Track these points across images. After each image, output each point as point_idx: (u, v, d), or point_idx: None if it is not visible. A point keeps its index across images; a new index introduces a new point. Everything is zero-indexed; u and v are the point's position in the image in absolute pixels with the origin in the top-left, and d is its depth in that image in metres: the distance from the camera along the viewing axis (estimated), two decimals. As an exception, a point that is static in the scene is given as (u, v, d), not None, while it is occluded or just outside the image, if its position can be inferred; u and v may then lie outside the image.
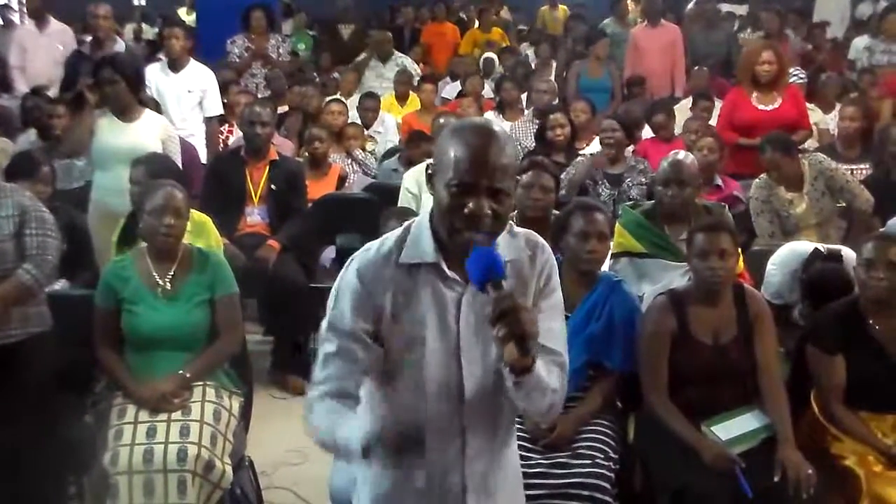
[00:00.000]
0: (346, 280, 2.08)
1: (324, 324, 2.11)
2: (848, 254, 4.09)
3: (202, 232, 4.37)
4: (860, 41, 9.60)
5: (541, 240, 2.17)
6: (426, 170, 2.09)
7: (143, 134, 5.08)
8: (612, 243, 3.78)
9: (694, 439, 3.35)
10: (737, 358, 3.47)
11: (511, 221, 2.13)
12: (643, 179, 5.57)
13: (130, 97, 5.13)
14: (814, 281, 4.07)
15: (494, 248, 1.98)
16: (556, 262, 2.19)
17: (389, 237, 2.10)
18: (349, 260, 2.12)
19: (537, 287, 2.12)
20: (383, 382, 2.10)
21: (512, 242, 2.11)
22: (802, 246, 4.34)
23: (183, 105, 6.57)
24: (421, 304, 2.06)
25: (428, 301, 2.06)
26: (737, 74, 6.67)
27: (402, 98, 8.61)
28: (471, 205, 1.95)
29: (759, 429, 3.39)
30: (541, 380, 1.99)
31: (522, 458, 3.25)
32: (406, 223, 2.13)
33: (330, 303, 2.10)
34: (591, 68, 8.60)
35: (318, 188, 6.00)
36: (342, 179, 6.53)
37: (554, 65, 9.86)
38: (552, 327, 2.11)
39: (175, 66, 6.72)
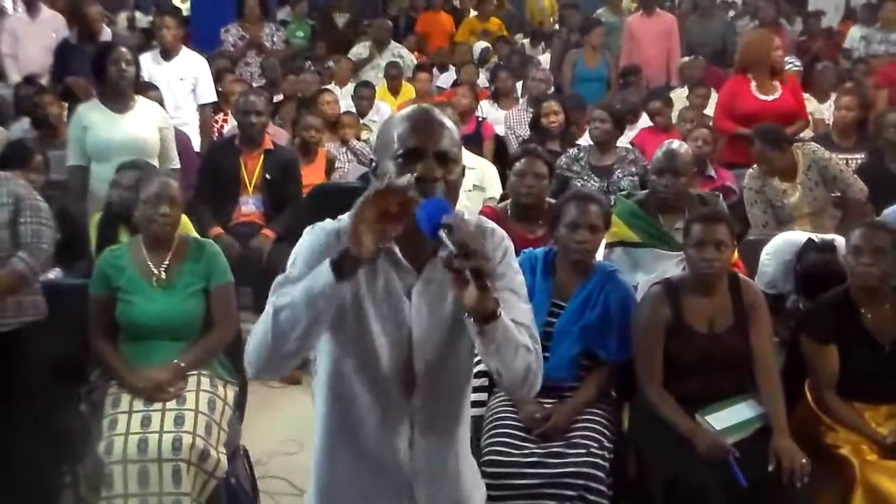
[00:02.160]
0: (308, 240, 2.07)
1: (278, 276, 2.05)
2: (841, 243, 4.09)
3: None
4: (856, 30, 9.61)
5: (492, 225, 2.14)
6: (369, 165, 2.07)
7: (139, 124, 5.06)
8: (602, 236, 3.74)
9: (688, 429, 3.36)
10: (732, 346, 3.48)
11: (463, 210, 2.10)
12: (634, 170, 5.55)
13: (133, 85, 5.11)
14: (808, 272, 4.08)
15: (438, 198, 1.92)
16: (510, 246, 2.13)
17: (345, 218, 2.01)
18: (309, 227, 2.10)
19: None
20: (330, 370, 2.11)
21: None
22: (796, 236, 4.35)
23: (176, 93, 6.54)
24: (373, 288, 2.03)
25: (380, 290, 2.04)
26: (739, 63, 6.55)
27: (394, 90, 8.60)
28: (419, 167, 1.95)
29: (754, 418, 3.40)
30: (509, 332, 1.93)
31: (517, 447, 3.29)
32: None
33: (289, 262, 2.07)
34: (587, 58, 8.59)
35: (307, 174, 6.00)
36: (331, 163, 6.54)
37: (547, 55, 9.84)
38: (512, 303, 2.04)
39: (167, 54, 6.69)
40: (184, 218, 4.29)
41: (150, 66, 6.56)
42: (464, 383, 2.19)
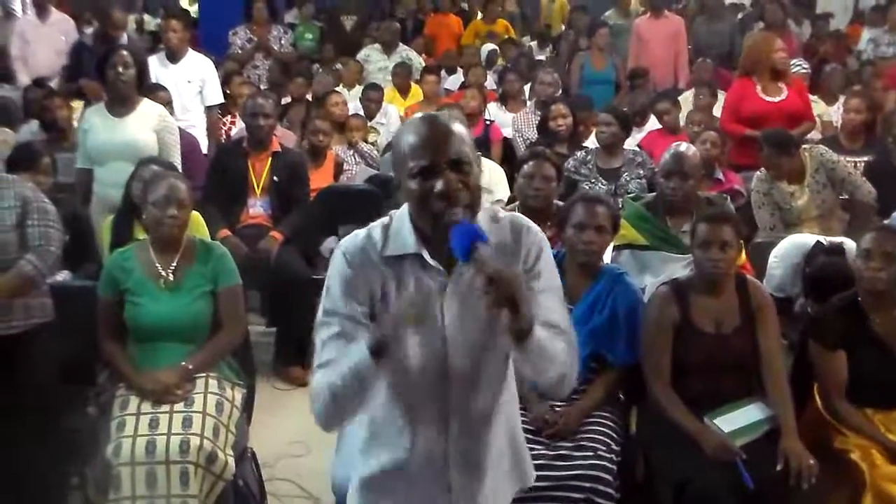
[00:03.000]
0: (336, 267, 2.13)
1: (319, 311, 2.14)
2: (850, 246, 4.09)
3: (192, 229, 4.36)
4: (865, 32, 9.58)
5: (527, 222, 2.19)
6: (394, 184, 2.13)
7: (136, 128, 5.06)
8: (609, 237, 3.74)
9: (695, 430, 3.35)
10: (739, 347, 3.48)
11: (496, 207, 2.18)
12: (641, 172, 5.54)
13: (134, 88, 5.12)
14: (816, 276, 4.07)
15: (473, 222, 2.00)
16: (546, 245, 2.18)
17: (375, 226, 2.15)
18: (337, 246, 2.17)
19: (524, 268, 2.13)
20: None
21: (495, 227, 2.14)
22: (804, 239, 4.34)
23: (183, 95, 6.56)
24: (404, 292, 2.09)
25: (412, 289, 2.09)
26: (742, 66, 6.59)
27: (402, 91, 8.60)
28: (439, 184, 2.00)
29: (762, 420, 3.39)
30: (543, 346, 2.00)
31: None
32: (389, 214, 2.17)
33: (324, 291, 2.15)
34: (595, 60, 8.58)
35: (315, 177, 6.01)
36: (339, 166, 6.55)
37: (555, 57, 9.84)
38: (549, 305, 2.11)
39: (173, 57, 6.72)
40: (197, 217, 4.32)
41: (156, 68, 6.59)
42: (500, 380, 2.22)
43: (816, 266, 4.10)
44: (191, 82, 6.62)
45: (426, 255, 2.08)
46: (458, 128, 2.08)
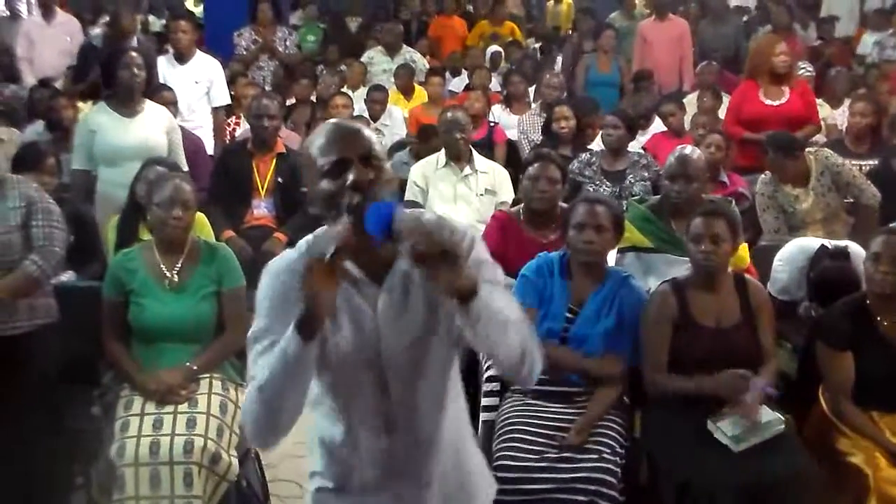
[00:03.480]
0: (265, 288, 2.11)
1: (249, 334, 2.11)
2: (855, 250, 4.08)
3: (197, 229, 4.36)
4: (869, 36, 9.56)
5: (454, 221, 2.08)
6: (307, 197, 2.10)
7: (148, 128, 5.07)
8: (611, 236, 3.74)
9: (705, 386, 3.40)
10: (739, 342, 3.50)
11: (421, 210, 2.12)
12: (646, 174, 5.54)
13: (140, 91, 5.12)
14: (821, 279, 4.06)
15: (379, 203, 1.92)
16: (477, 238, 2.09)
17: (301, 244, 2.11)
18: (265, 269, 2.13)
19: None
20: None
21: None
22: (809, 242, 4.33)
23: (190, 96, 6.58)
24: (337, 316, 2.03)
25: (344, 312, 2.04)
26: (747, 69, 6.61)
27: (405, 92, 8.61)
28: (350, 176, 1.97)
29: (770, 422, 3.37)
30: (492, 308, 1.92)
31: (528, 452, 3.28)
32: (312, 235, 2.13)
33: (255, 314, 2.11)
34: (600, 63, 8.56)
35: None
36: None
37: (559, 60, 9.83)
38: (496, 295, 2.00)
39: (181, 57, 6.74)
40: (202, 218, 4.32)
41: (164, 69, 6.60)
42: (441, 386, 2.16)
43: (821, 270, 4.09)
44: (198, 83, 6.64)
45: (354, 270, 2.02)
46: (365, 129, 2.08)
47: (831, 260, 4.10)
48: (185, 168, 5.21)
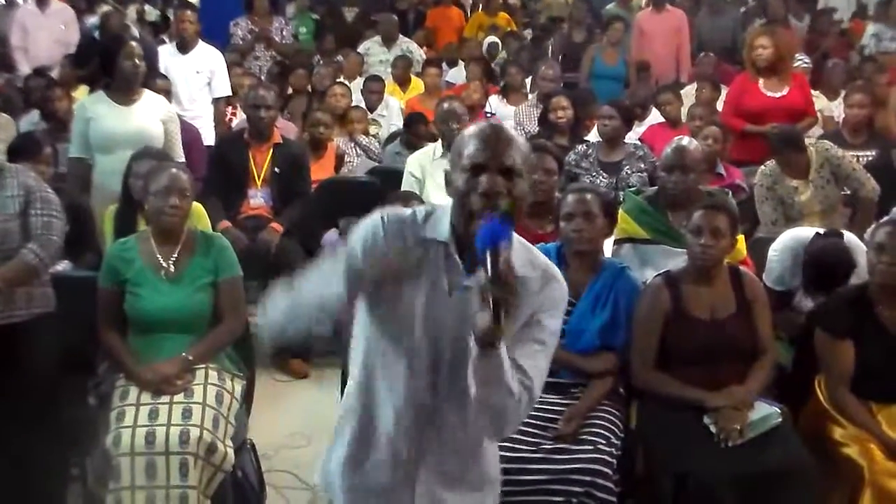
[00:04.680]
0: (370, 226, 2.16)
1: (338, 248, 2.20)
2: (849, 236, 4.10)
3: (194, 220, 4.35)
4: (869, 27, 9.55)
5: (559, 275, 2.20)
6: (444, 179, 2.17)
7: (146, 117, 5.06)
8: (602, 224, 3.74)
9: (697, 397, 3.41)
10: (734, 334, 3.51)
11: (537, 252, 2.20)
12: (642, 165, 5.54)
13: (140, 81, 5.11)
14: (815, 256, 4.07)
15: (504, 222, 1.98)
16: (563, 305, 2.19)
17: (420, 209, 2.19)
18: (379, 212, 2.19)
19: (534, 312, 2.12)
20: (365, 349, 2.20)
21: (530, 264, 2.14)
22: (803, 231, 4.35)
23: (191, 86, 6.58)
24: (420, 281, 2.11)
25: (425, 281, 2.11)
26: (744, 61, 6.63)
27: (401, 83, 8.59)
28: (484, 181, 2.03)
29: (767, 416, 3.38)
30: (500, 370, 1.97)
31: (524, 443, 3.28)
32: (432, 206, 2.21)
33: (349, 238, 2.18)
34: (606, 55, 8.53)
35: (316, 169, 6.00)
36: (340, 158, 6.54)
37: (550, 49, 9.81)
38: (533, 355, 2.09)
39: (184, 47, 6.74)
40: (199, 208, 4.31)
41: (166, 58, 6.60)
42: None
43: (815, 248, 4.11)
44: (199, 73, 6.65)
45: (452, 248, 2.10)
46: (521, 141, 2.11)
47: (825, 238, 4.12)
48: (181, 158, 5.20)
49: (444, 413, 2.15)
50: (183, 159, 5.21)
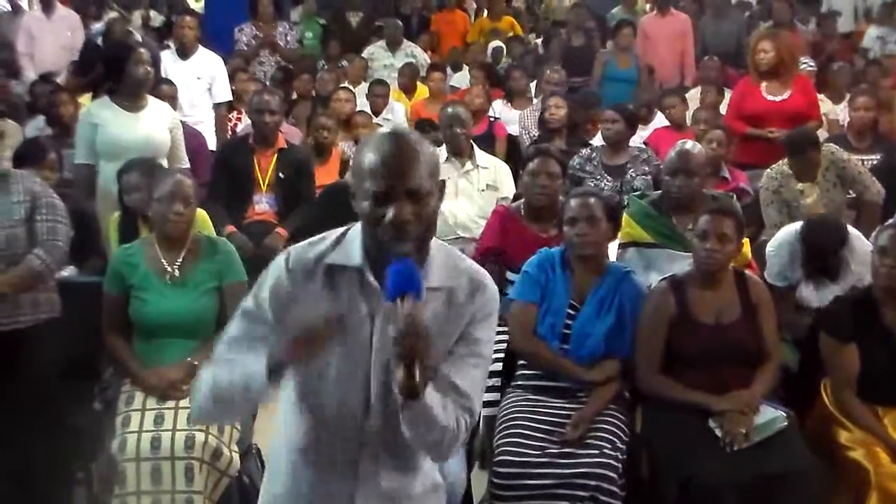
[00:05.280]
0: (274, 272, 2.06)
1: (242, 303, 2.10)
2: (855, 234, 4.18)
3: (198, 226, 4.35)
4: (872, 30, 9.53)
5: (487, 281, 2.07)
6: (349, 189, 2.04)
7: (153, 124, 5.05)
8: (606, 228, 3.73)
9: (703, 401, 3.41)
10: (739, 338, 3.51)
11: (459, 253, 2.10)
12: (647, 169, 5.54)
13: (149, 87, 5.12)
14: (806, 230, 4.16)
15: (414, 265, 1.90)
16: (495, 312, 2.08)
17: (329, 235, 2.07)
18: (285, 251, 2.10)
19: (468, 323, 2.03)
20: (291, 384, 2.07)
21: (454, 273, 2.04)
22: (798, 225, 4.39)
23: (192, 92, 6.58)
24: (338, 308, 1.99)
25: (343, 308, 1.99)
26: (747, 65, 6.63)
27: (407, 91, 8.60)
28: (391, 212, 1.91)
29: (773, 419, 3.38)
30: (430, 412, 1.90)
31: (529, 447, 3.28)
32: (347, 227, 2.09)
33: (254, 288, 2.09)
34: (620, 59, 8.52)
35: (321, 174, 6.00)
36: (345, 163, 6.54)
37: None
38: (469, 373, 2.01)
39: (184, 53, 6.74)
40: (203, 214, 4.31)
41: (167, 63, 6.61)
42: None
43: (810, 223, 4.23)
44: (200, 79, 6.65)
45: (367, 273, 1.99)
46: (426, 152, 1.97)
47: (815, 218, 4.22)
48: (186, 163, 5.20)
49: (379, 438, 2.04)
50: (188, 165, 5.22)
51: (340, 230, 2.09)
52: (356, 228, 2.05)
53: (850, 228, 4.20)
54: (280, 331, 1.96)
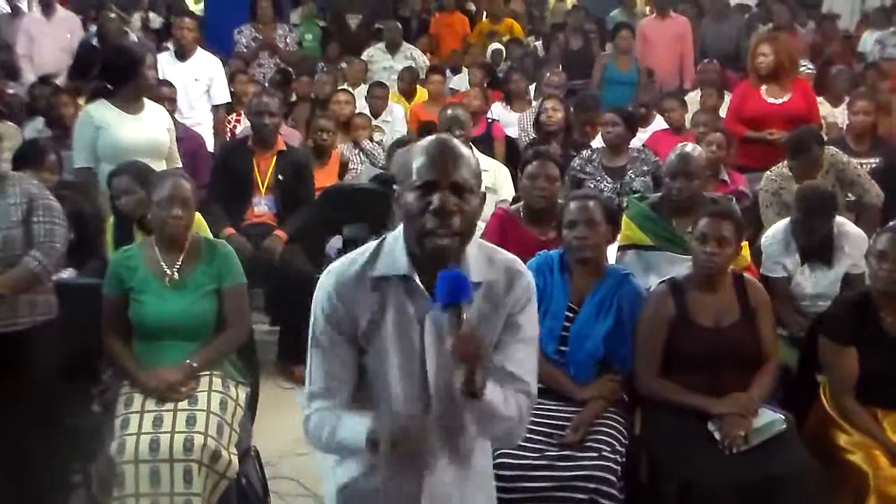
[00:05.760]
0: (322, 294, 2.14)
1: (309, 336, 2.17)
2: (852, 229, 4.33)
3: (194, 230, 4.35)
4: (869, 34, 9.53)
5: (522, 268, 2.19)
6: (393, 194, 2.13)
7: (153, 126, 5.05)
8: (605, 231, 3.74)
9: (698, 401, 3.41)
10: (738, 341, 3.51)
11: (493, 247, 2.18)
12: (646, 168, 5.56)
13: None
14: (804, 194, 4.34)
15: (461, 272, 2.00)
16: (534, 295, 2.19)
17: (365, 249, 2.15)
18: (326, 271, 2.17)
19: (510, 313, 2.14)
20: (356, 393, 2.18)
21: (490, 267, 2.13)
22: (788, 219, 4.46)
23: (190, 94, 6.58)
24: (386, 317, 2.10)
25: (392, 315, 2.10)
26: (747, 68, 6.63)
27: (407, 94, 8.60)
28: (435, 200, 1.99)
29: (772, 422, 3.37)
30: (493, 407, 2.03)
31: (528, 450, 3.28)
32: (383, 236, 2.17)
33: (311, 317, 2.16)
34: (620, 61, 8.53)
35: (320, 176, 6.01)
36: (344, 165, 6.55)
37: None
38: (520, 357, 2.13)
39: (183, 55, 6.74)
40: (199, 217, 4.31)
41: (165, 66, 6.61)
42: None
43: (806, 186, 4.44)
44: (198, 80, 6.66)
45: (416, 278, 2.08)
46: (470, 155, 2.08)
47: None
48: (180, 164, 5.19)
49: (443, 431, 2.16)
50: (180, 164, 5.20)
51: (374, 242, 2.17)
52: (393, 236, 2.13)
53: (848, 224, 4.30)
54: (363, 340, 2.11)
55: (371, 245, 2.16)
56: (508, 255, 2.20)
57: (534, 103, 7.84)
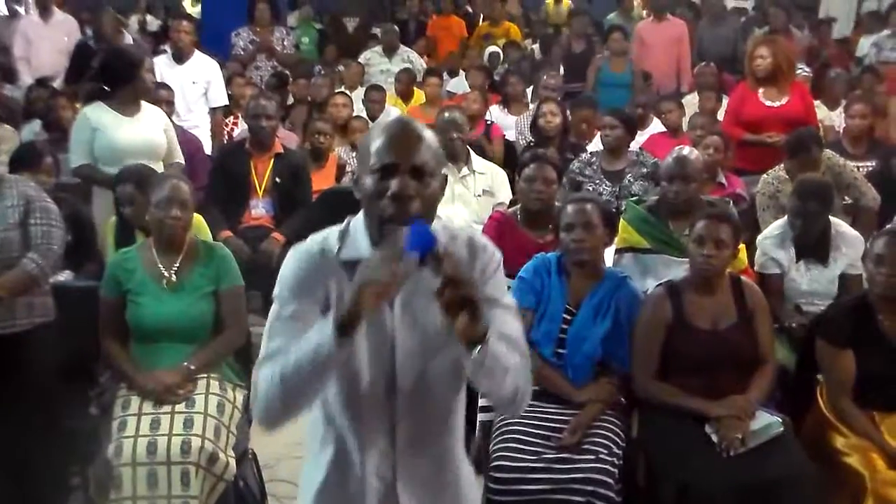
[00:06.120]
0: (289, 267, 2.09)
1: (270, 316, 2.08)
2: (849, 230, 4.35)
3: (194, 231, 4.35)
4: (863, 39, 9.55)
5: (484, 241, 2.14)
6: (351, 176, 2.09)
7: (150, 127, 5.05)
8: (602, 234, 3.74)
9: (695, 404, 3.41)
10: (736, 343, 3.52)
11: (453, 225, 2.13)
12: (644, 170, 5.56)
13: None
14: (801, 185, 4.37)
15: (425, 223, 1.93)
16: (500, 264, 2.12)
17: (333, 231, 2.10)
18: (293, 248, 2.13)
19: (479, 286, 2.04)
20: None
21: (453, 241, 2.08)
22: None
23: (188, 96, 6.58)
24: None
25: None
26: (744, 70, 6.64)
27: (404, 97, 8.61)
28: (393, 185, 1.94)
29: (769, 425, 3.38)
30: (499, 354, 1.94)
31: (526, 452, 3.28)
32: (346, 220, 2.12)
33: (275, 290, 2.10)
34: (614, 63, 8.54)
35: (317, 179, 6.01)
36: (341, 168, 6.55)
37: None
38: (504, 319, 2.05)
39: (180, 57, 6.75)
40: (199, 218, 4.31)
41: (163, 68, 6.61)
42: (451, 392, 2.15)
43: (803, 178, 4.46)
44: (196, 83, 6.66)
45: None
46: (429, 136, 2.03)
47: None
48: (181, 159, 5.18)
49: (411, 419, 2.08)
50: (182, 160, 5.21)
51: (339, 226, 2.12)
52: (355, 220, 2.09)
53: (843, 225, 4.32)
54: (335, 301, 1.99)
55: (335, 229, 2.11)
56: (474, 232, 2.16)
57: (531, 106, 7.85)
